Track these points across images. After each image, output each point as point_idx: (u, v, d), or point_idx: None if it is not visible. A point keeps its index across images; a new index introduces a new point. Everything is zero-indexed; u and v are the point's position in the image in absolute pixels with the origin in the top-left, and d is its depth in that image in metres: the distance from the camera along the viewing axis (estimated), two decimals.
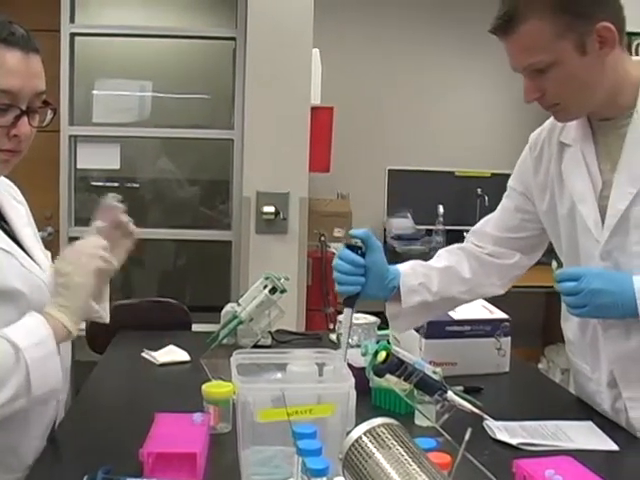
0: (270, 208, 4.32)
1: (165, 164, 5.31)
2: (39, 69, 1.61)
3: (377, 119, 5.44)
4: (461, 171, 5.54)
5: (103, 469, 1.45)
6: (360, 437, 1.04)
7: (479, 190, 5.38)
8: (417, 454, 1.01)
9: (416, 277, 2.01)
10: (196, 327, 2.91)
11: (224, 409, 1.76)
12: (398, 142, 5.49)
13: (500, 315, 2.34)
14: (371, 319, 2.40)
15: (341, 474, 1.09)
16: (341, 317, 1.95)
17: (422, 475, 0.97)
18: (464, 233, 2.18)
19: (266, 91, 4.30)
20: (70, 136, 4.53)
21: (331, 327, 4.16)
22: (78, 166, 4.68)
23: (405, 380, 1.72)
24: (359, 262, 1.89)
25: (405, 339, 2.30)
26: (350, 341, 1.97)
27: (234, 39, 4.55)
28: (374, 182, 5.42)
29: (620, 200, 1.73)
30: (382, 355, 1.72)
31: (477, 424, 1.75)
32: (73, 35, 4.51)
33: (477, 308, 2.32)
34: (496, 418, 1.80)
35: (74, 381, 2.25)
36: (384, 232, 5.40)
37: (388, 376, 1.72)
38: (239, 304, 2.40)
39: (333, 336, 2.55)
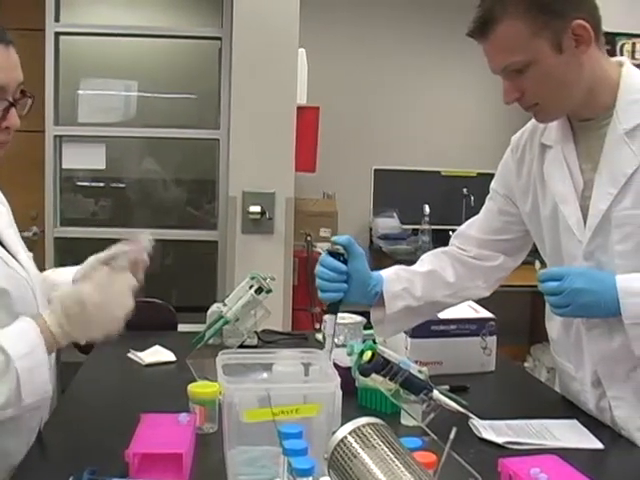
0: (256, 208, 4.32)
1: (151, 164, 5.29)
2: (17, 59, 1.61)
3: (363, 119, 5.45)
4: (447, 171, 5.55)
5: (89, 470, 1.44)
6: (345, 437, 1.04)
7: (465, 190, 5.39)
8: (402, 453, 1.02)
9: (399, 282, 2.01)
10: (182, 327, 2.90)
11: (210, 409, 1.76)
12: (384, 142, 5.49)
13: (486, 314, 2.35)
14: (357, 319, 2.40)
15: (327, 474, 1.09)
16: (327, 317, 1.95)
17: (407, 474, 0.97)
18: (450, 232, 2.19)
19: (252, 91, 4.30)
20: (55, 136, 4.51)
21: (317, 327, 4.17)
22: (63, 166, 4.65)
23: (391, 380, 1.72)
24: (341, 269, 1.89)
25: (391, 338, 2.29)
26: (336, 341, 1.97)
27: (220, 39, 4.55)
28: (360, 182, 5.42)
29: (601, 200, 1.73)
30: (368, 355, 1.72)
31: (463, 423, 1.75)
32: (58, 34, 4.49)
33: (463, 307, 2.32)
34: (482, 417, 1.80)
35: (60, 382, 2.24)
36: (370, 232, 5.41)
37: (374, 376, 1.72)
38: (225, 304, 2.40)
39: (319, 336, 2.55)
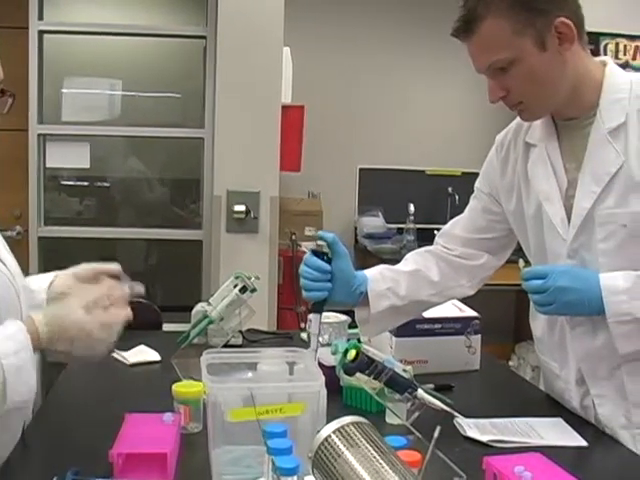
0: (241, 207, 4.31)
1: (135, 163, 5.28)
2: None
3: (348, 118, 5.45)
4: (432, 170, 5.56)
5: (72, 470, 1.43)
6: (329, 436, 1.04)
7: (450, 189, 5.41)
8: (386, 452, 1.02)
9: (384, 282, 2.01)
10: (167, 327, 2.90)
11: (194, 409, 1.75)
12: (369, 141, 5.50)
13: (470, 313, 2.35)
14: (342, 318, 2.40)
15: (311, 473, 1.09)
16: (311, 316, 1.95)
17: (391, 473, 0.97)
18: (435, 231, 2.19)
19: (237, 90, 4.30)
20: (39, 135, 4.50)
21: (302, 326, 4.16)
22: (47, 165, 4.64)
23: (375, 378, 1.72)
24: (325, 268, 1.90)
25: (376, 337, 2.29)
26: (320, 340, 1.97)
27: (204, 37, 4.54)
28: (345, 181, 5.43)
29: (585, 199, 1.74)
30: (352, 354, 1.72)
31: (448, 422, 1.75)
32: (42, 32, 4.48)
33: (447, 306, 2.32)
34: (466, 415, 1.81)
35: (44, 382, 2.23)
36: (355, 231, 5.42)
37: (358, 375, 1.73)
38: (209, 303, 2.39)
39: (304, 335, 2.55)
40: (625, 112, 1.71)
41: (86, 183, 5.28)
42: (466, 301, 2.33)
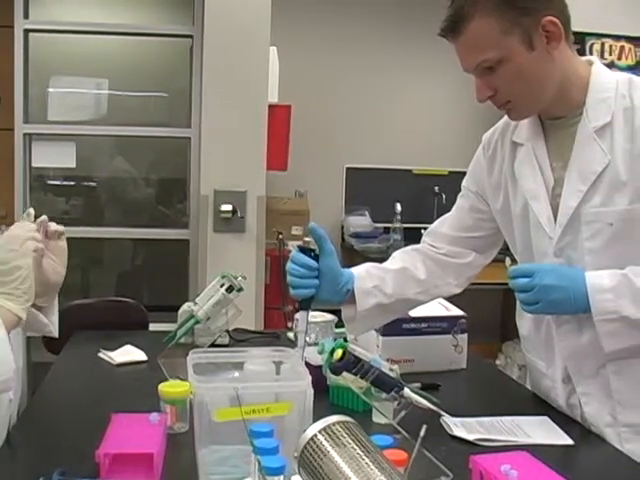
0: (228, 206, 4.30)
1: (122, 163, 5.27)
2: None
3: (335, 117, 5.45)
4: (419, 169, 5.57)
5: (58, 471, 1.43)
6: (315, 435, 1.04)
7: (436, 188, 5.42)
8: (372, 451, 1.02)
9: (371, 280, 2.01)
10: (153, 326, 2.89)
11: (181, 409, 1.75)
12: (356, 140, 5.50)
13: (457, 312, 2.36)
14: (328, 317, 2.41)
15: (298, 472, 1.09)
16: (299, 315, 1.95)
17: (377, 472, 0.97)
18: (422, 231, 2.19)
19: (223, 89, 4.29)
20: (25, 134, 4.46)
21: (289, 325, 4.16)
22: (33, 165, 4.61)
23: (362, 378, 1.72)
24: (312, 265, 1.89)
25: (362, 337, 2.29)
26: (307, 339, 1.97)
27: (191, 37, 4.52)
28: (332, 180, 5.43)
29: (571, 197, 1.75)
30: (338, 353, 1.72)
31: (434, 421, 1.76)
32: (27, 31, 4.44)
33: (434, 305, 2.32)
34: (453, 414, 1.81)
35: (30, 382, 2.22)
36: (342, 230, 5.42)
37: (345, 374, 1.72)
38: (196, 303, 2.39)
39: (291, 334, 2.55)
40: (611, 111, 1.72)
41: (72, 183, 5.27)
42: (453, 300, 2.34)
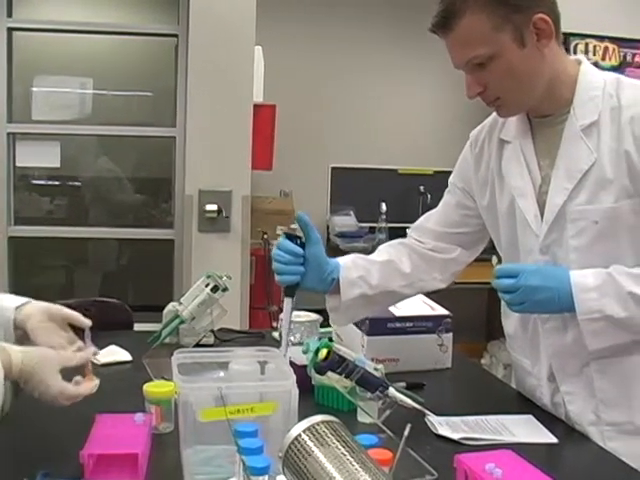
0: (212, 206, 4.30)
1: (106, 162, 5.26)
2: None
3: (320, 117, 5.46)
4: (404, 169, 5.58)
5: (42, 472, 1.42)
6: (300, 435, 1.04)
7: (421, 188, 5.44)
8: (357, 451, 1.02)
9: (356, 270, 2.01)
10: (138, 326, 2.88)
11: (166, 409, 1.74)
12: (341, 140, 5.51)
13: (442, 311, 2.36)
14: (313, 317, 2.40)
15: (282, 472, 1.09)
16: (282, 315, 1.95)
17: (361, 471, 0.97)
18: (407, 230, 2.20)
19: (208, 88, 4.28)
20: (8, 133, 4.45)
21: (274, 325, 4.16)
22: (17, 164, 4.59)
23: (346, 377, 1.72)
24: (298, 252, 1.89)
25: (347, 336, 2.30)
26: (292, 339, 1.97)
27: (176, 36, 4.52)
28: (317, 180, 5.44)
29: (557, 195, 1.76)
30: (323, 353, 1.72)
31: (419, 420, 1.76)
32: (11, 30, 4.43)
33: (418, 304, 2.33)
34: (438, 413, 1.81)
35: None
36: (327, 230, 5.42)
37: (330, 374, 1.72)
38: (181, 303, 2.38)
39: (276, 334, 2.55)
40: (598, 110, 1.73)
41: (57, 182, 5.26)
42: (438, 299, 2.34)
